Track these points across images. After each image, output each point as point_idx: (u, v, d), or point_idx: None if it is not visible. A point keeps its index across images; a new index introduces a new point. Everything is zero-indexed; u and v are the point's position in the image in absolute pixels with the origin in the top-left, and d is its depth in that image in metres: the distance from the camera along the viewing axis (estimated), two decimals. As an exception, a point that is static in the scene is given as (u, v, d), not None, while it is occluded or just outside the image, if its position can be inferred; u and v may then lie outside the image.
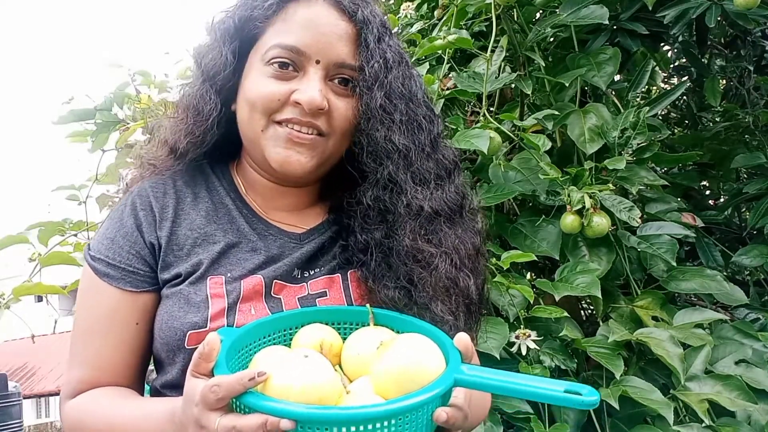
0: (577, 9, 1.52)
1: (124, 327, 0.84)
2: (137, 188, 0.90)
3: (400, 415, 0.59)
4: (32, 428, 12.67)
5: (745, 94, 2.23)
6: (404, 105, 0.86)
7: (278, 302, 0.83)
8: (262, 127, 0.84)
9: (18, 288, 1.53)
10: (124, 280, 0.84)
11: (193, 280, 0.82)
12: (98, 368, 0.84)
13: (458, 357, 0.66)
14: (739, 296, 1.51)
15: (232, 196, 0.91)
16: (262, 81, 0.83)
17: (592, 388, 0.60)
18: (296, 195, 0.93)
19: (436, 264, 0.83)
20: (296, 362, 0.65)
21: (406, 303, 0.82)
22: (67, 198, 1.77)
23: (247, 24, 0.86)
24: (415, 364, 0.65)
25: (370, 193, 0.86)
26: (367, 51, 0.84)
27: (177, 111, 0.92)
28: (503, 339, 1.24)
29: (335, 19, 0.84)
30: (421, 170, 0.87)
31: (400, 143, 0.85)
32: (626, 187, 1.46)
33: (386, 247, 0.85)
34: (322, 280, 0.87)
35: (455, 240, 0.87)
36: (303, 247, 0.88)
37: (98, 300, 0.85)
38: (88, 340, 0.85)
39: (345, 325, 0.80)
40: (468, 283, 0.85)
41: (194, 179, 0.92)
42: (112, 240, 0.86)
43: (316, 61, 0.82)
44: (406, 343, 0.68)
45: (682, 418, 1.29)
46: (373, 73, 0.84)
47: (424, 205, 0.85)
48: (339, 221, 0.92)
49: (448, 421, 0.62)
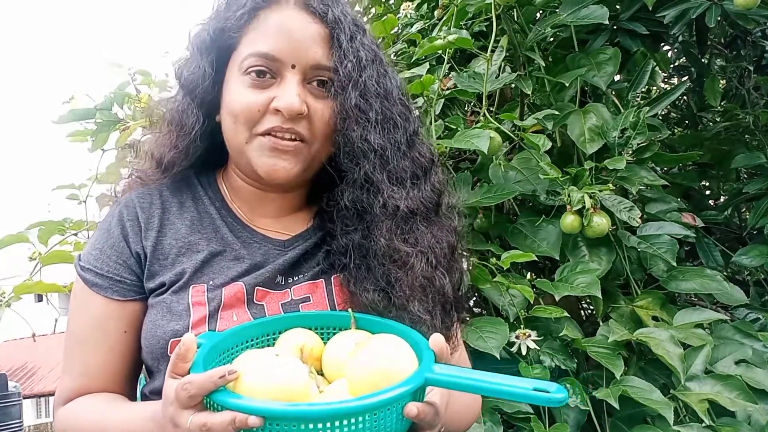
0: (577, 9, 1.52)
1: (112, 335, 0.86)
2: (124, 199, 0.92)
3: (368, 412, 0.59)
4: (32, 428, 12.67)
5: (745, 94, 2.23)
6: (379, 103, 0.86)
7: (261, 309, 0.84)
8: (246, 138, 0.84)
9: (19, 286, 1.53)
10: (112, 289, 0.85)
11: (176, 288, 0.83)
12: (88, 376, 0.86)
13: (432, 357, 0.67)
14: (739, 296, 1.51)
15: (217, 205, 0.92)
16: (241, 91, 0.83)
17: (561, 386, 0.61)
18: (281, 201, 0.93)
19: (411, 263, 0.83)
20: (267, 361, 0.65)
21: (385, 305, 0.82)
22: (67, 197, 1.77)
23: (221, 35, 0.86)
24: (387, 364, 0.65)
25: (348, 194, 0.86)
26: (340, 51, 0.84)
27: (161, 125, 0.93)
28: (503, 339, 1.24)
29: (306, 22, 0.84)
30: (398, 169, 0.87)
31: (376, 142, 0.85)
32: (626, 187, 1.46)
33: (364, 249, 0.85)
34: (305, 286, 0.87)
35: (431, 239, 0.87)
36: (286, 254, 0.88)
37: (88, 309, 0.87)
38: (78, 348, 0.87)
39: (327, 329, 0.81)
40: (443, 282, 0.85)
41: (180, 189, 0.93)
42: (101, 250, 0.87)
43: (291, 66, 0.83)
44: (378, 344, 0.69)
45: (682, 418, 1.29)
46: (346, 72, 0.84)
47: (400, 205, 0.85)
48: (323, 227, 0.92)
49: (419, 415, 0.62)
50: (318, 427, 0.58)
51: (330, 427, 0.58)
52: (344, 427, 0.58)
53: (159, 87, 1.91)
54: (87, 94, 1.81)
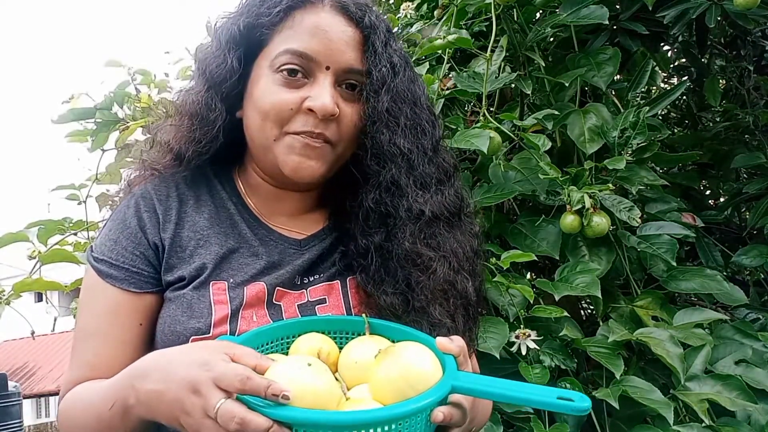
0: (577, 9, 1.52)
1: (126, 328, 0.84)
2: (140, 190, 0.91)
3: (399, 420, 0.61)
4: (32, 428, 12.68)
5: (745, 94, 2.23)
6: (409, 109, 0.87)
7: (278, 309, 0.84)
8: (275, 136, 0.84)
9: (18, 284, 1.53)
10: (128, 281, 0.84)
11: (197, 284, 0.83)
12: (98, 369, 0.83)
13: (454, 364, 0.69)
14: (739, 296, 1.51)
15: (234, 201, 0.92)
16: (272, 89, 0.83)
17: (584, 395, 0.63)
18: (298, 200, 0.93)
19: (434, 268, 0.83)
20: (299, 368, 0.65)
21: (404, 309, 0.83)
22: (67, 197, 1.77)
23: (252, 31, 0.85)
24: (414, 372, 0.66)
25: (372, 196, 0.87)
26: (374, 56, 0.85)
27: (181, 117, 0.91)
28: (503, 339, 1.24)
29: (343, 25, 0.84)
30: (423, 174, 0.87)
31: (404, 147, 0.86)
32: (626, 187, 1.46)
33: (385, 251, 0.86)
34: (321, 287, 0.87)
35: (454, 243, 0.87)
36: (304, 255, 0.89)
37: (101, 301, 0.85)
38: (88, 340, 0.85)
39: (341, 334, 0.81)
40: (466, 285, 0.86)
41: (197, 183, 0.93)
42: (115, 241, 0.86)
43: (326, 68, 0.83)
44: (404, 350, 0.70)
45: (682, 418, 1.29)
46: (380, 77, 0.85)
47: (425, 209, 0.85)
48: (339, 227, 0.92)
49: (445, 419, 0.64)
50: None
51: None
52: None
53: (159, 87, 1.92)
54: (87, 94, 1.81)
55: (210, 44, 0.91)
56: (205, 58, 0.89)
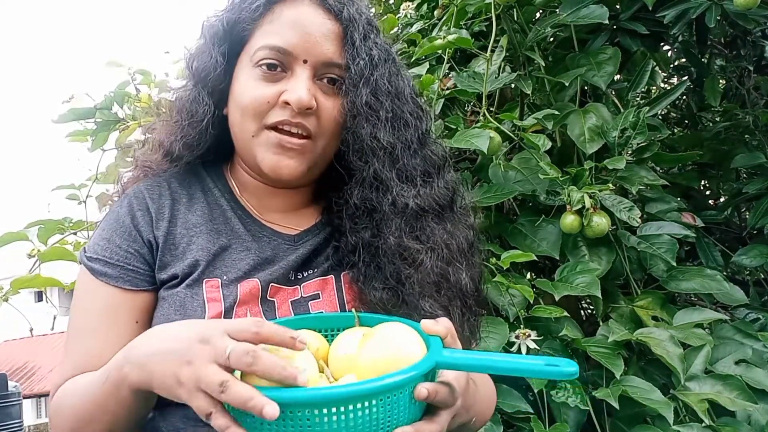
0: (577, 9, 1.52)
1: (122, 325, 0.83)
2: (132, 190, 0.91)
3: (378, 395, 0.58)
4: (32, 428, 12.66)
5: (745, 94, 2.23)
6: (390, 102, 0.86)
7: (272, 305, 0.84)
8: (253, 132, 0.84)
9: (17, 281, 1.52)
10: (123, 279, 0.84)
11: (190, 282, 0.82)
12: (91, 366, 0.81)
13: (439, 342, 0.67)
14: (739, 296, 1.51)
15: (227, 198, 0.92)
16: (251, 84, 0.84)
17: (570, 360, 0.61)
18: (290, 196, 0.93)
19: (421, 260, 0.83)
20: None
21: (394, 303, 0.82)
22: (67, 197, 1.77)
23: (235, 27, 0.86)
24: (396, 351, 0.65)
25: (357, 192, 0.86)
26: (353, 49, 0.85)
27: (171, 114, 0.92)
28: (503, 339, 1.24)
29: (321, 18, 0.84)
30: (407, 167, 0.87)
31: (386, 140, 0.85)
32: (626, 187, 1.47)
33: (374, 247, 0.85)
34: (315, 283, 0.87)
35: (444, 235, 0.86)
36: (298, 250, 0.88)
37: (94, 300, 0.84)
38: (81, 338, 0.84)
39: (333, 331, 0.80)
40: (460, 277, 0.85)
41: (189, 181, 0.93)
42: (109, 240, 0.86)
43: (303, 61, 0.83)
44: (386, 332, 0.69)
45: (682, 418, 1.29)
46: (358, 70, 0.84)
47: (410, 203, 0.85)
48: (332, 222, 0.92)
49: (430, 396, 0.61)
50: (332, 411, 0.57)
51: (344, 411, 0.57)
52: (358, 411, 0.58)
53: (159, 87, 1.92)
54: (87, 94, 1.81)
55: (198, 41, 0.92)
56: (192, 55, 0.90)
